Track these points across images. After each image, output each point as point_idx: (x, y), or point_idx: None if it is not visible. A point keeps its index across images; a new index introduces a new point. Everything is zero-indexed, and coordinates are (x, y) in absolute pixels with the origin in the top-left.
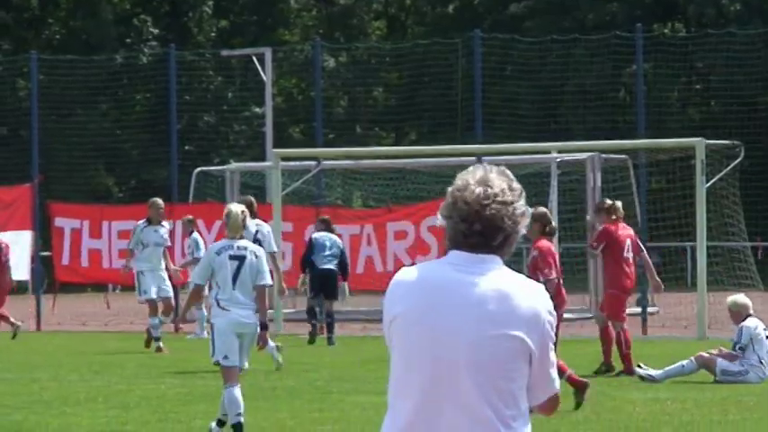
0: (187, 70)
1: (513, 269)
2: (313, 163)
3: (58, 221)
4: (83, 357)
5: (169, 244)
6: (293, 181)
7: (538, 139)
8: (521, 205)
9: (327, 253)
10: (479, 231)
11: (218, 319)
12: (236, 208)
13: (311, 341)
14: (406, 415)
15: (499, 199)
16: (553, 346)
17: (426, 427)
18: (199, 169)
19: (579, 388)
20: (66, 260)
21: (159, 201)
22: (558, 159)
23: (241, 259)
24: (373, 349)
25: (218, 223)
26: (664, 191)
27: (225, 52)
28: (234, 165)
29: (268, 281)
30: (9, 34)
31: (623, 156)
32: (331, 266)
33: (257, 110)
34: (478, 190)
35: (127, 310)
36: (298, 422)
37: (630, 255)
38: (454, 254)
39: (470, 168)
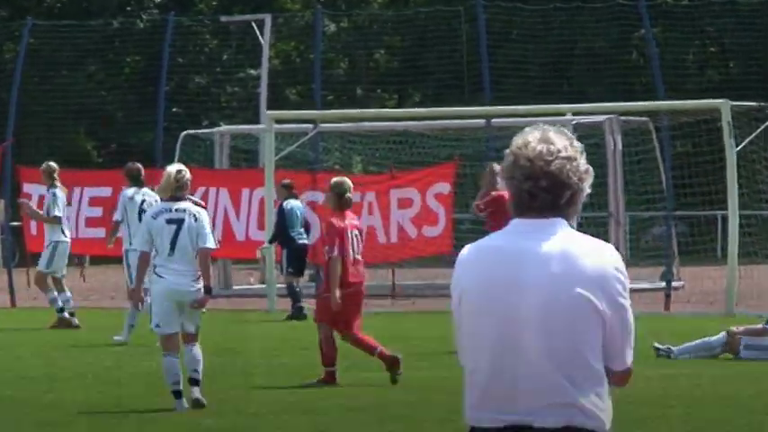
0: (184, 35)
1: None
2: (309, 126)
3: (27, 187)
4: (63, 334)
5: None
6: (288, 145)
7: (550, 101)
8: (584, 162)
9: (300, 227)
10: (545, 188)
11: (154, 286)
12: (172, 168)
13: (295, 317)
14: (482, 383)
15: (562, 155)
16: (629, 310)
17: (502, 390)
18: (186, 132)
19: (390, 363)
20: (34, 230)
21: (50, 165)
22: (575, 122)
23: (179, 222)
24: (375, 325)
25: (200, 190)
26: (690, 155)
27: (224, 18)
28: (224, 127)
29: (210, 243)
30: (8, 2)
31: (644, 118)
32: (305, 241)
33: (252, 71)
34: (540, 147)
35: (107, 285)
36: (298, 398)
37: None
38: (517, 222)
39: (526, 129)
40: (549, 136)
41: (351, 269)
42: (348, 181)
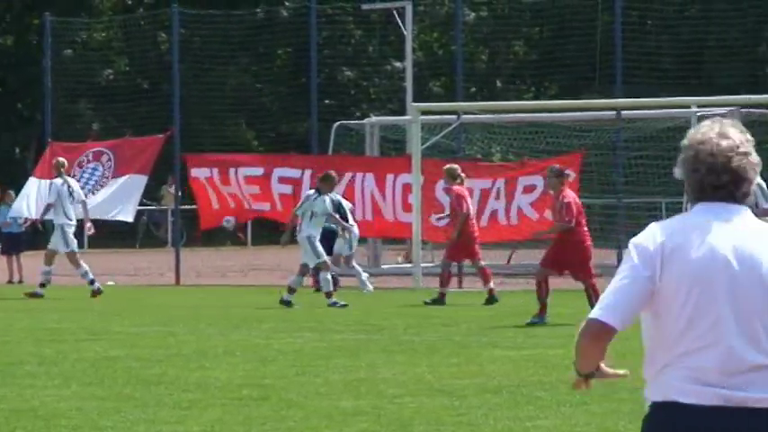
0: (327, 24)
1: None
2: (453, 117)
3: (194, 172)
4: (221, 311)
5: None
6: (433, 135)
7: (679, 93)
8: (755, 155)
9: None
10: (727, 183)
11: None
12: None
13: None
14: (707, 355)
15: (741, 150)
16: None
17: (731, 364)
18: (339, 123)
19: None
20: (215, 204)
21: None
22: (699, 114)
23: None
24: (511, 303)
25: (347, 175)
26: None
27: (365, 6)
28: (374, 118)
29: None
30: None
31: (765, 110)
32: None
33: (398, 64)
34: (725, 143)
35: (268, 263)
36: (436, 377)
37: None
38: (704, 205)
39: (705, 123)
40: (726, 131)
41: None
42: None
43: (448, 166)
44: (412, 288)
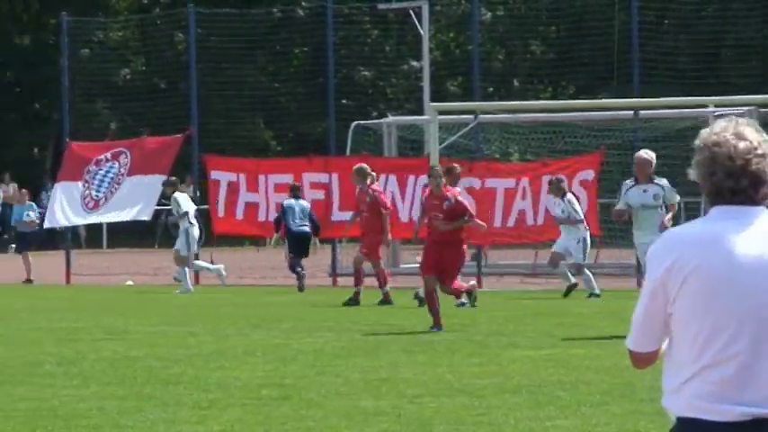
0: (344, 24)
1: None
2: (470, 117)
3: (215, 174)
4: (240, 311)
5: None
6: (450, 135)
7: (695, 92)
8: None
9: (298, 218)
10: (745, 187)
11: None
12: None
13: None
14: (730, 369)
15: (759, 152)
16: None
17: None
18: (356, 123)
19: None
20: (222, 213)
21: None
22: (716, 113)
23: None
24: (531, 303)
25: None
26: None
27: (382, 6)
28: (391, 118)
29: None
30: None
31: None
32: (305, 229)
33: (414, 64)
34: (742, 145)
35: (283, 264)
36: (456, 376)
37: None
38: (721, 209)
39: (720, 122)
40: (742, 131)
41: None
42: None
43: (357, 166)
44: None
